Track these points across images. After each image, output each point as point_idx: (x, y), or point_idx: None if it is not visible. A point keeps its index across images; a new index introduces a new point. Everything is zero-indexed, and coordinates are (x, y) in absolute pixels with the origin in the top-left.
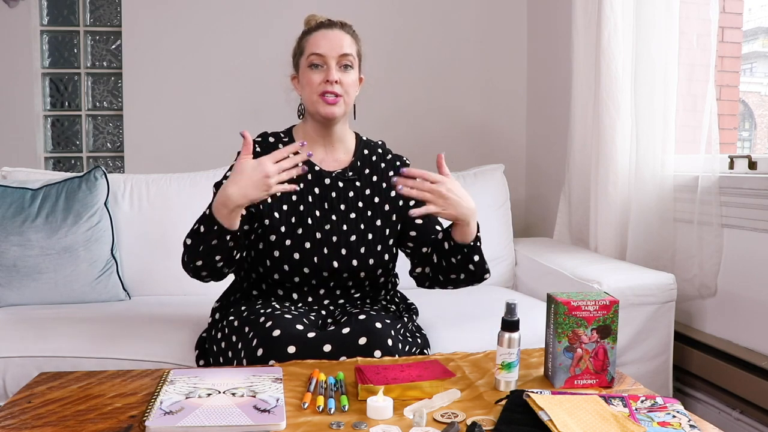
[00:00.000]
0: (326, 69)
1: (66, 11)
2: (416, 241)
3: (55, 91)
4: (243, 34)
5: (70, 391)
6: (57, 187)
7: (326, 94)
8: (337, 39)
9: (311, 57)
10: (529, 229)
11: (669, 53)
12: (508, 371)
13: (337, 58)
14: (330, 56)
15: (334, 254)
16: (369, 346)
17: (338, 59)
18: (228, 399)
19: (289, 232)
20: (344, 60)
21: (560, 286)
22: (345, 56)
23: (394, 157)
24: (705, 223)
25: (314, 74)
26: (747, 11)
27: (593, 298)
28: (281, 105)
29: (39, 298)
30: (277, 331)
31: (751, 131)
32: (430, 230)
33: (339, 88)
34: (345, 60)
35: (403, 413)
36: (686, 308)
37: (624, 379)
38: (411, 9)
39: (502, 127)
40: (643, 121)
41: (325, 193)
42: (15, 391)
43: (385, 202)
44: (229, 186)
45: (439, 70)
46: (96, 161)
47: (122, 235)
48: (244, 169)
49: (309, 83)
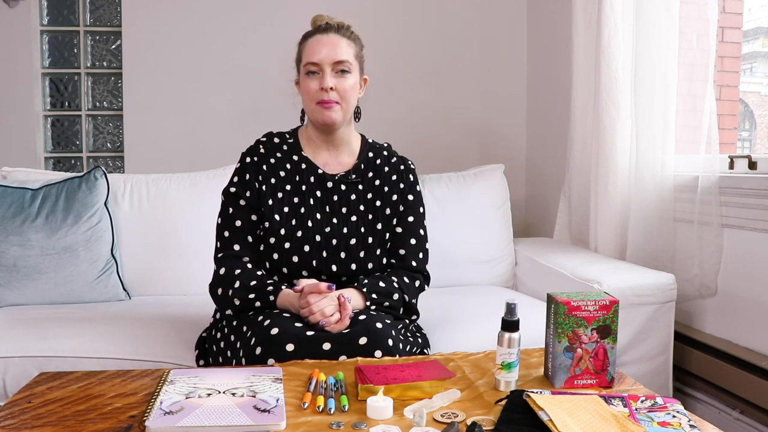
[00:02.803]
0: (321, 76)
1: (66, 11)
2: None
3: (55, 91)
4: (243, 34)
5: (70, 391)
6: (57, 187)
7: (322, 102)
8: (331, 45)
9: (307, 65)
10: (529, 229)
11: (669, 53)
12: (508, 371)
13: (332, 65)
14: (325, 63)
15: (333, 257)
16: (370, 346)
17: (333, 66)
18: (228, 399)
19: (288, 235)
20: (340, 66)
21: (560, 286)
22: (340, 63)
23: (399, 160)
24: (705, 223)
25: (311, 82)
26: (747, 11)
27: (593, 298)
28: (281, 105)
29: (39, 298)
30: (275, 330)
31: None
32: (391, 250)
33: (335, 95)
34: (340, 66)
35: (403, 413)
36: (686, 308)
37: (624, 379)
38: (411, 9)
39: (502, 127)
40: (643, 121)
41: (327, 196)
42: (15, 391)
43: (387, 207)
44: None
45: (439, 71)
46: (96, 161)
47: (122, 235)
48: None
49: (306, 91)
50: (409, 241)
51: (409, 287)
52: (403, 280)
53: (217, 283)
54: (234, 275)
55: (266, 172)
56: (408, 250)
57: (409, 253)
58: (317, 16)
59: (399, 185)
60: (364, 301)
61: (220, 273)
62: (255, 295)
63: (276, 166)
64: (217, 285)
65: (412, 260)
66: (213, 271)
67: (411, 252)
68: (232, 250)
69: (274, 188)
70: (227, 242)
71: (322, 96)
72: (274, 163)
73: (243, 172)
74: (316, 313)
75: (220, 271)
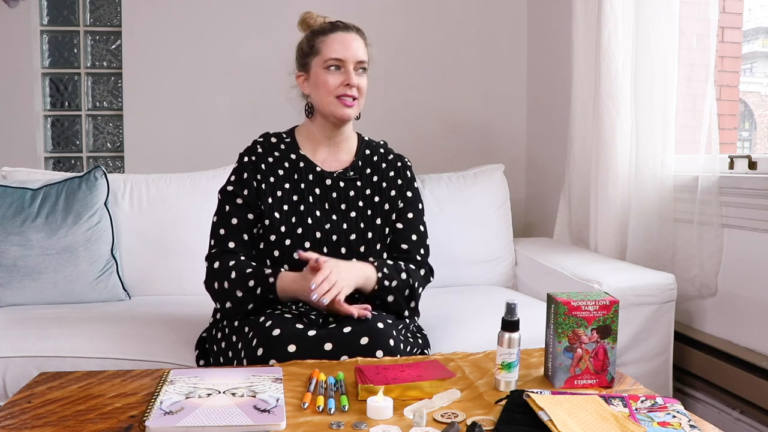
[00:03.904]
0: (345, 73)
1: (66, 11)
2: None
3: (55, 91)
4: (243, 34)
5: (70, 391)
6: (57, 187)
7: (344, 97)
8: (355, 44)
9: (330, 60)
10: (529, 229)
11: (669, 53)
12: (508, 371)
13: (356, 63)
14: (349, 61)
15: (334, 253)
16: (371, 346)
17: (356, 64)
18: (228, 399)
19: (289, 232)
20: (361, 65)
21: (560, 286)
22: (362, 62)
23: (395, 157)
24: (705, 223)
25: (332, 76)
26: (747, 11)
27: (593, 298)
28: (281, 105)
29: (39, 298)
30: (277, 331)
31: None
32: (394, 246)
33: (356, 92)
34: (362, 65)
35: (403, 413)
36: (686, 308)
37: (624, 379)
38: (411, 9)
39: (502, 127)
40: (643, 121)
41: (326, 193)
42: (15, 391)
43: (386, 202)
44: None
45: (440, 71)
46: (96, 161)
47: (122, 235)
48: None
49: (325, 85)
50: (411, 237)
51: (416, 274)
52: (410, 267)
53: (212, 278)
54: (229, 267)
55: (265, 171)
56: (411, 245)
57: (413, 248)
58: (308, 14)
59: (396, 181)
60: (375, 272)
61: (215, 267)
62: (254, 282)
63: (274, 165)
64: (213, 279)
65: (416, 255)
66: (206, 267)
67: (414, 247)
68: (226, 246)
69: (273, 186)
70: (222, 239)
71: (344, 91)
72: (272, 162)
73: (241, 171)
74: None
75: (214, 265)
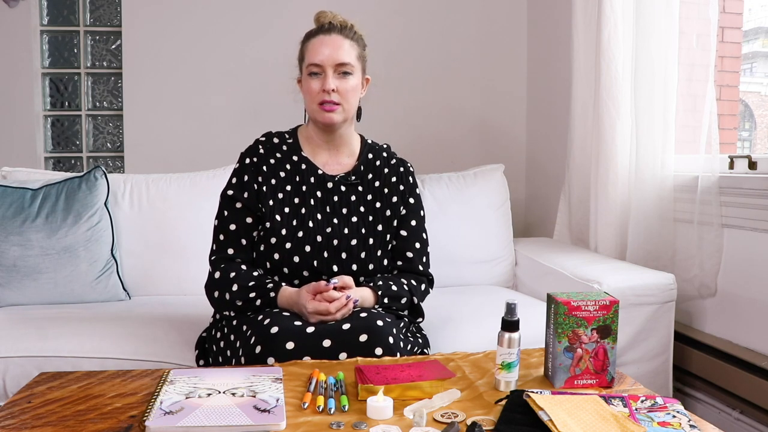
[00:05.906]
0: (323, 77)
1: (66, 11)
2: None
3: (55, 91)
4: (243, 34)
5: (70, 391)
6: (57, 187)
7: (324, 103)
8: (334, 46)
9: (309, 66)
10: (529, 229)
11: (669, 53)
12: (508, 371)
13: (334, 67)
14: (327, 65)
15: (334, 258)
16: (370, 343)
17: (335, 67)
18: (228, 399)
19: (289, 236)
20: (342, 68)
21: (560, 286)
22: (342, 65)
23: (398, 162)
24: (705, 223)
25: (313, 82)
26: (747, 11)
27: (593, 298)
28: (281, 105)
29: (39, 298)
30: (275, 328)
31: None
32: (397, 253)
33: (336, 96)
34: (342, 68)
35: (403, 413)
36: (686, 308)
37: (624, 379)
38: (411, 8)
39: (502, 126)
40: (643, 121)
41: (328, 197)
42: (15, 391)
43: (387, 208)
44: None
45: (440, 70)
46: (96, 161)
47: (122, 235)
48: (317, 309)
49: (308, 91)
50: (414, 245)
51: (417, 290)
52: (412, 283)
53: (212, 287)
54: (230, 278)
55: (266, 172)
56: (414, 253)
57: (416, 257)
58: (321, 13)
59: (399, 187)
60: (375, 301)
61: (215, 276)
62: (255, 294)
63: (276, 167)
64: (213, 288)
65: (419, 264)
66: (208, 272)
67: (417, 255)
68: (225, 253)
69: (275, 189)
70: (221, 245)
71: (323, 97)
72: (273, 163)
73: (242, 173)
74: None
75: (215, 274)
